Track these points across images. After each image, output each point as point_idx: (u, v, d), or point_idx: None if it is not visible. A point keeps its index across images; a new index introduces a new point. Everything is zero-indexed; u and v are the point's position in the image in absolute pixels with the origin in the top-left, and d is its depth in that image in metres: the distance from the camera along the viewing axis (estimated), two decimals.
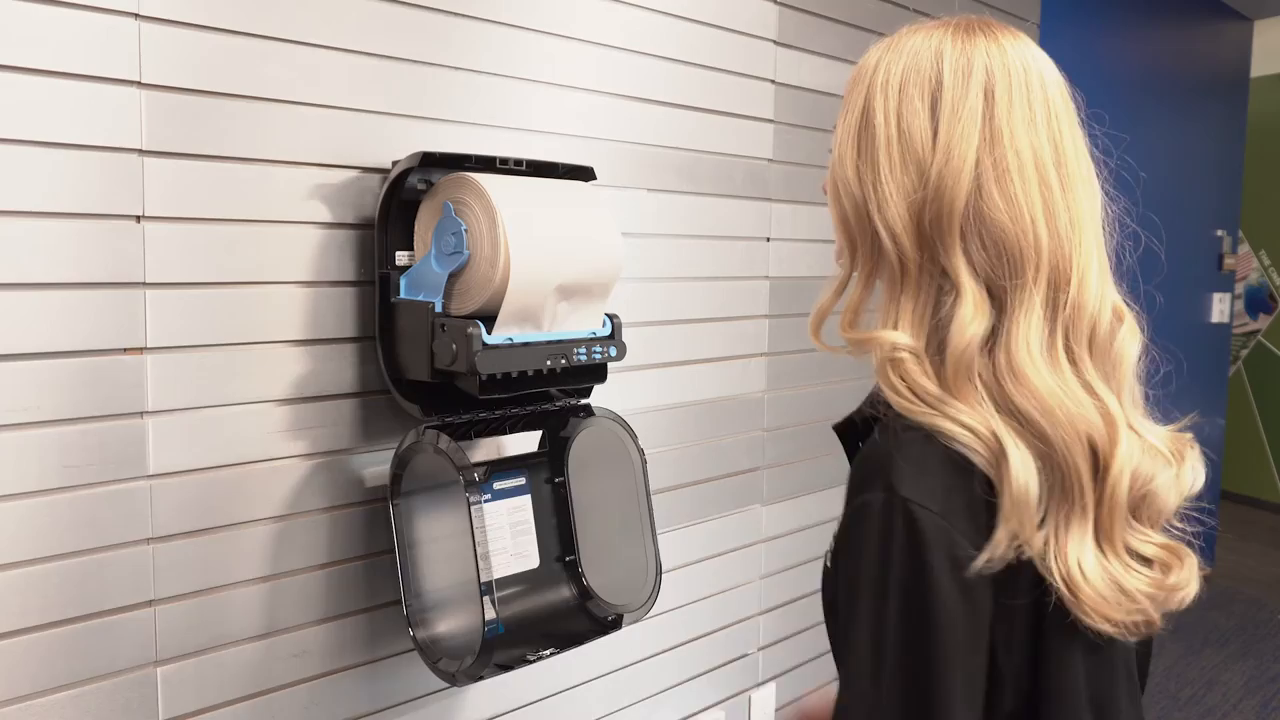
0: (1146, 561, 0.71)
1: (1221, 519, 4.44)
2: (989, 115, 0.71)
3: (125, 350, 1.10)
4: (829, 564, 0.77)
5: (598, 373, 1.34)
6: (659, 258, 1.69)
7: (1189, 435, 0.78)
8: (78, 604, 1.08)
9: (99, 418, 1.08)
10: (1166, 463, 0.73)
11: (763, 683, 2.01)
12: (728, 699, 1.94)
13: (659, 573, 1.36)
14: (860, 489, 0.69)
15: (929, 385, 0.69)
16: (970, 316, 0.68)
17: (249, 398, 1.20)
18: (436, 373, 1.21)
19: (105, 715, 1.11)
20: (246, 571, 1.21)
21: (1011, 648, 0.69)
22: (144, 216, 1.10)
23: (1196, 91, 3.80)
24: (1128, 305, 0.76)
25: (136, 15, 1.08)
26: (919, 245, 0.72)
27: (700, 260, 1.78)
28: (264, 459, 1.22)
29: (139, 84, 1.08)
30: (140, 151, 1.09)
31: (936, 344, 0.71)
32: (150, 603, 1.14)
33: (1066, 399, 0.67)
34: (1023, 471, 0.65)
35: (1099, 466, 0.68)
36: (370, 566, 1.33)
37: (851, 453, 0.79)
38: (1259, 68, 4.44)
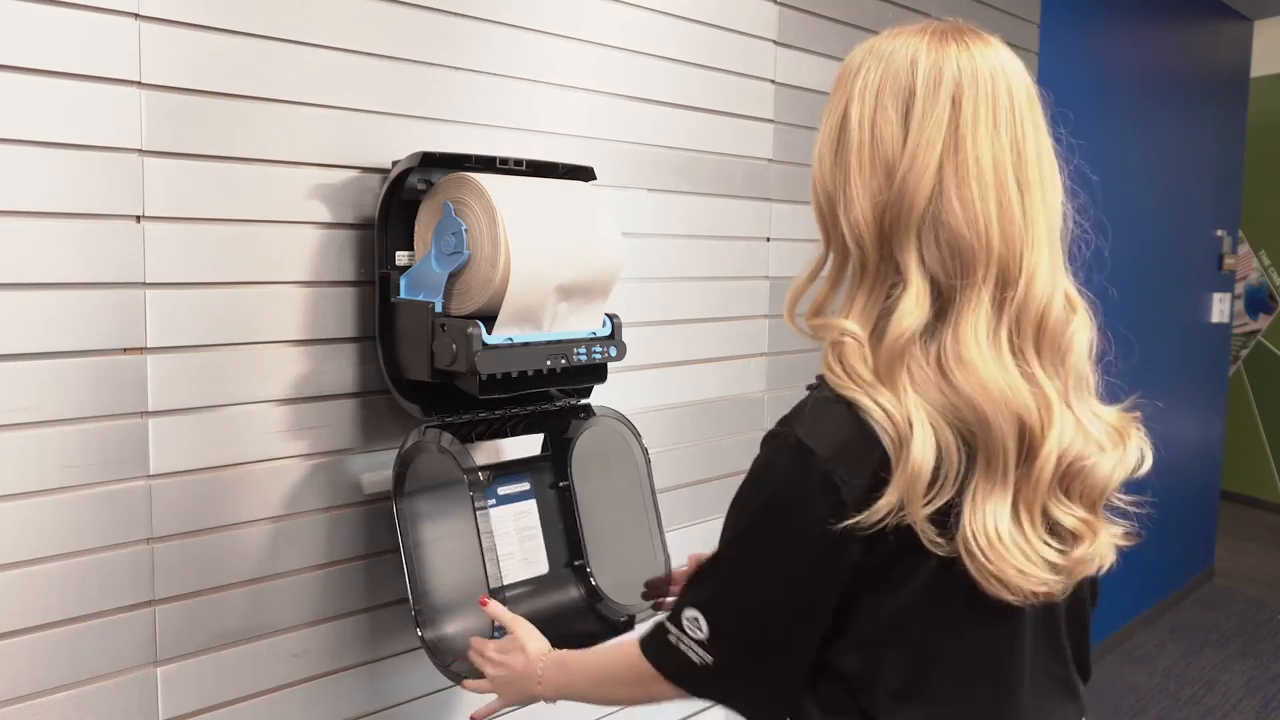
0: (1065, 533, 0.77)
1: (1221, 519, 4.44)
2: (954, 123, 0.75)
3: (125, 350, 1.10)
4: None
5: (598, 373, 1.34)
6: (659, 258, 1.69)
7: (1135, 415, 0.84)
8: (78, 604, 1.08)
9: (99, 418, 1.08)
10: (1104, 444, 0.78)
11: None
12: None
13: (669, 570, 1.36)
14: (774, 427, 0.79)
15: (862, 369, 0.75)
16: (910, 308, 0.74)
17: (249, 398, 1.20)
18: (436, 373, 1.21)
19: (105, 715, 1.11)
20: (246, 571, 1.21)
21: (882, 609, 0.78)
22: (144, 216, 1.10)
23: (1196, 91, 3.80)
24: (1081, 295, 0.81)
25: (136, 15, 1.08)
26: (878, 243, 0.77)
27: (700, 260, 1.78)
28: (264, 459, 1.22)
29: (139, 84, 1.08)
30: (140, 151, 1.09)
31: (879, 332, 0.77)
32: (150, 603, 1.14)
33: (1004, 383, 0.73)
34: (921, 450, 0.72)
35: (1028, 446, 0.74)
36: (370, 566, 1.33)
37: None
38: (1259, 68, 4.44)
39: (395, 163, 1.25)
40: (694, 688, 0.85)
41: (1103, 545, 0.79)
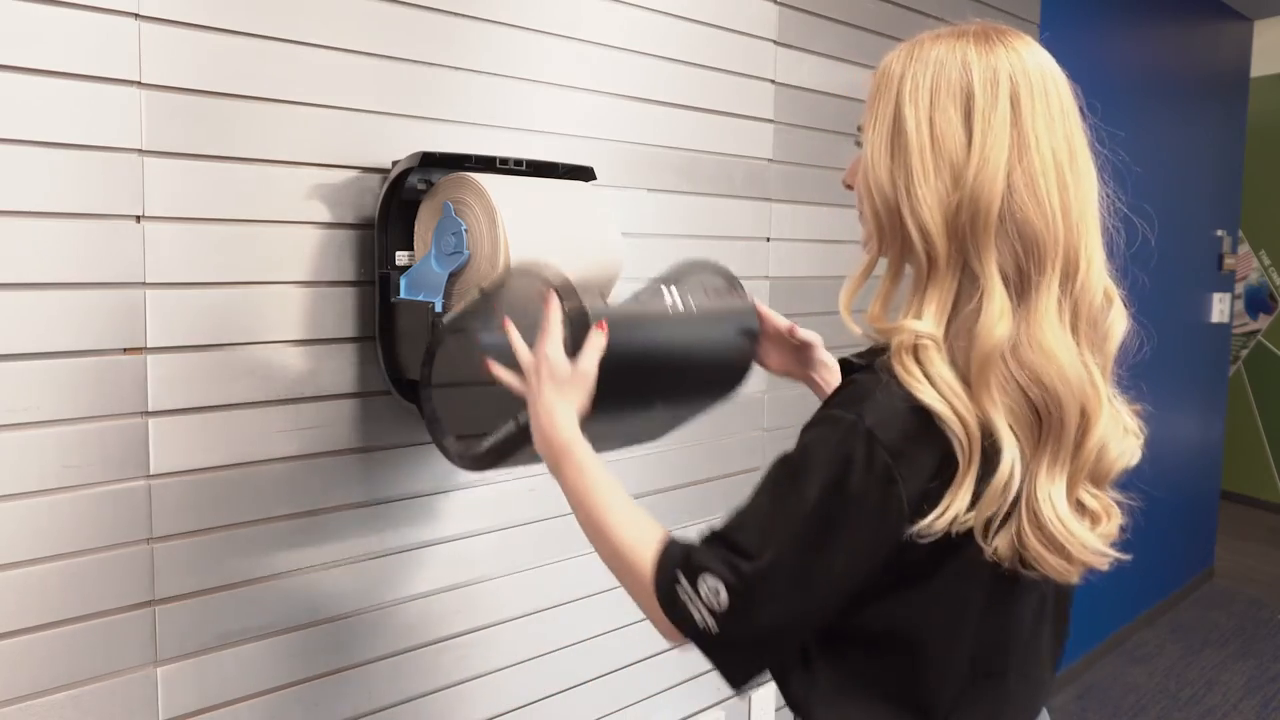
0: (1087, 512, 0.81)
1: (1221, 519, 4.44)
2: (1016, 121, 0.77)
3: (125, 350, 1.10)
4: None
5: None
6: (659, 258, 1.68)
7: (1138, 408, 0.89)
8: (78, 604, 1.08)
9: (99, 418, 1.08)
10: (1124, 434, 0.83)
11: (763, 682, 2.01)
12: (728, 699, 1.94)
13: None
14: (834, 406, 0.79)
15: (947, 374, 0.76)
16: (997, 318, 0.75)
17: (249, 398, 1.20)
18: None
19: (105, 715, 1.11)
20: (246, 571, 1.21)
21: (915, 580, 0.79)
22: (144, 216, 1.10)
23: (1196, 91, 3.79)
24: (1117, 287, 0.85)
25: (136, 15, 1.08)
26: (951, 242, 0.78)
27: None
28: (264, 459, 1.22)
29: (139, 84, 1.08)
30: (140, 151, 1.09)
31: (954, 332, 0.78)
32: (150, 603, 1.14)
33: (1079, 370, 0.77)
34: (1009, 466, 0.74)
35: (1083, 430, 0.78)
36: (370, 566, 1.33)
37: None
38: (1259, 68, 4.44)
39: (395, 163, 1.25)
40: (688, 637, 0.83)
41: (1115, 522, 0.83)
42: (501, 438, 1.06)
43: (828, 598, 0.79)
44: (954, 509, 0.74)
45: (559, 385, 0.95)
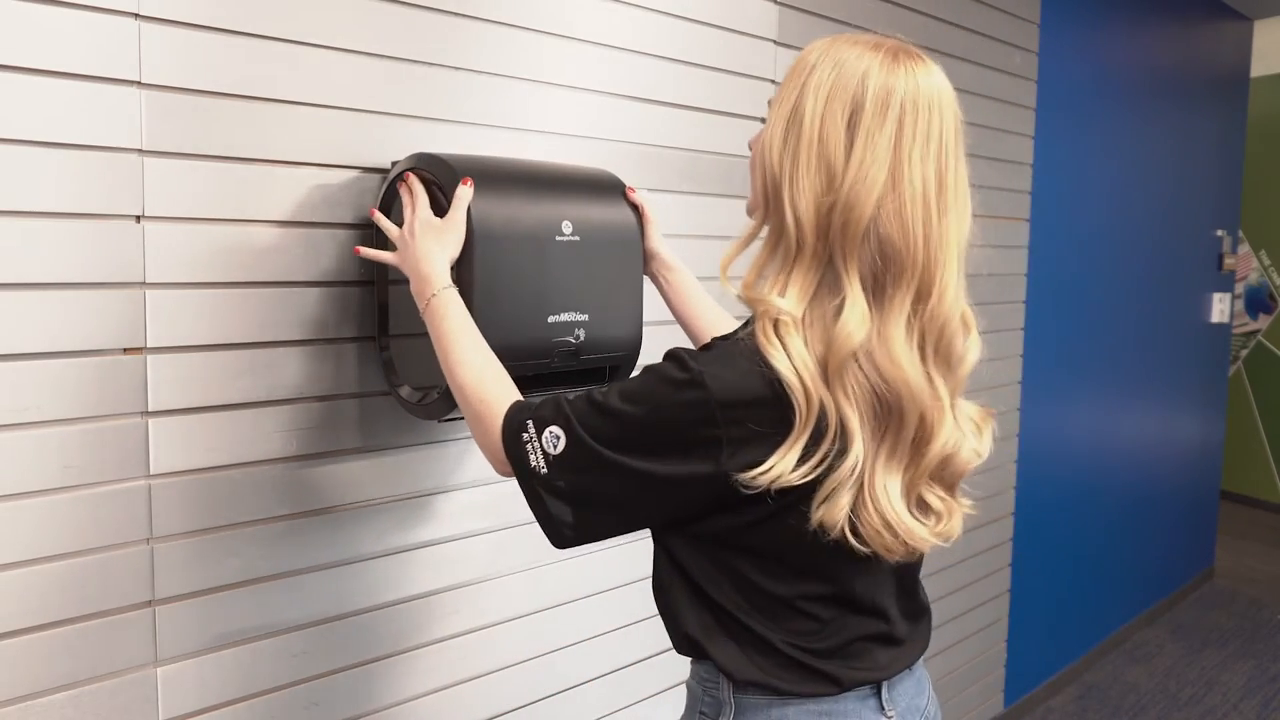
0: (930, 511, 0.89)
1: (1221, 519, 4.45)
2: (897, 145, 0.83)
3: (125, 350, 1.10)
4: None
5: (599, 375, 1.34)
6: None
7: (992, 410, 0.96)
8: (78, 604, 1.08)
9: (99, 418, 1.08)
10: (970, 433, 0.90)
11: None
12: None
13: None
14: (687, 354, 0.85)
15: (802, 350, 0.82)
16: (858, 322, 0.82)
17: (249, 398, 1.20)
18: None
19: (105, 715, 1.11)
20: (246, 571, 1.21)
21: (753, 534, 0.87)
22: (144, 216, 1.10)
23: (1196, 91, 3.79)
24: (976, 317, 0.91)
25: (136, 15, 1.08)
26: (819, 236, 0.84)
27: (700, 260, 1.77)
28: (264, 459, 1.22)
29: (139, 84, 1.08)
30: (140, 151, 1.09)
31: (810, 320, 0.84)
32: (150, 603, 1.14)
33: (920, 384, 0.84)
34: (859, 448, 0.82)
35: (921, 438, 0.85)
36: (370, 566, 1.33)
37: None
38: (1259, 68, 4.44)
39: (395, 163, 1.25)
40: (517, 476, 0.91)
41: (956, 522, 0.91)
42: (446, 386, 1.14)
43: (642, 493, 0.86)
44: (778, 469, 0.81)
45: (434, 234, 1.08)
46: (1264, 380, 5.32)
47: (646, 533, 0.95)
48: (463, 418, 1.22)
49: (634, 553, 1.69)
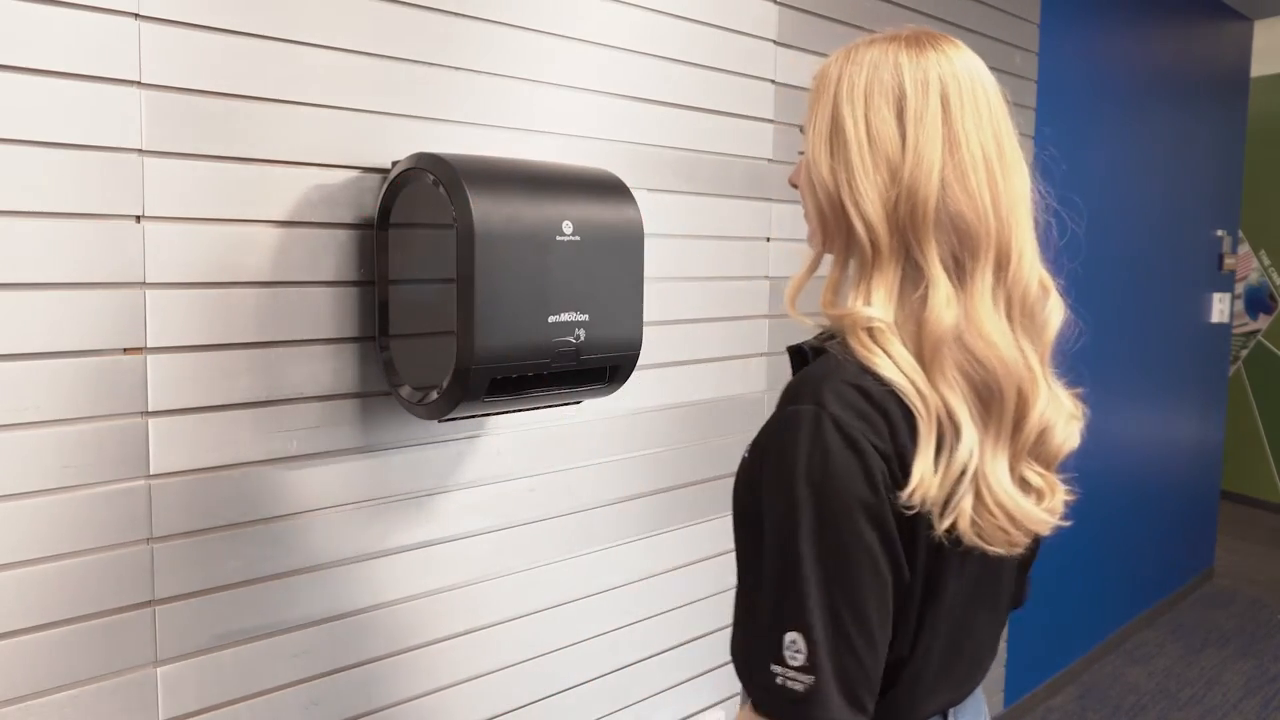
0: (1031, 490, 0.85)
1: (1221, 519, 4.44)
2: (947, 120, 0.82)
3: (125, 350, 1.10)
4: (748, 454, 0.87)
5: (599, 375, 1.34)
6: (659, 258, 1.68)
7: (1078, 391, 0.92)
8: (78, 604, 1.08)
9: (99, 418, 1.08)
10: (1069, 417, 0.87)
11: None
12: (728, 699, 1.94)
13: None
14: (792, 400, 0.80)
15: (904, 353, 0.80)
16: (944, 305, 0.80)
17: (249, 398, 1.20)
18: None
19: (105, 715, 1.11)
20: (246, 571, 1.21)
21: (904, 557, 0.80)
22: (144, 216, 1.10)
23: (1196, 91, 3.79)
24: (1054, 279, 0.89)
25: (136, 15, 1.08)
26: (891, 232, 0.82)
27: (700, 260, 1.78)
28: (264, 459, 1.22)
29: (139, 84, 1.08)
30: (140, 151, 1.09)
31: (902, 319, 0.82)
32: (150, 603, 1.14)
33: (1015, 356, 0.81)
34: (970, 444, 0.78)
35: (1020, 413, 0.82)
36: (370, 566, 1.33)
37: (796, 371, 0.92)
38: (1259, 68, 4.44)
39: (395, 163, 1.25)
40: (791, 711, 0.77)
41: (1060, 498, 0.87)
42: (447, 386, 1.16)
43: (880, 578, 0.77)
44: (922, 477, 0.76)
45: None
46: (1264, 380, 5.32)
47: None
48: (462, 416, 1.22)
49: (634, 553, 1.69)
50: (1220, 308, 4.07)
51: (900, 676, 0.84)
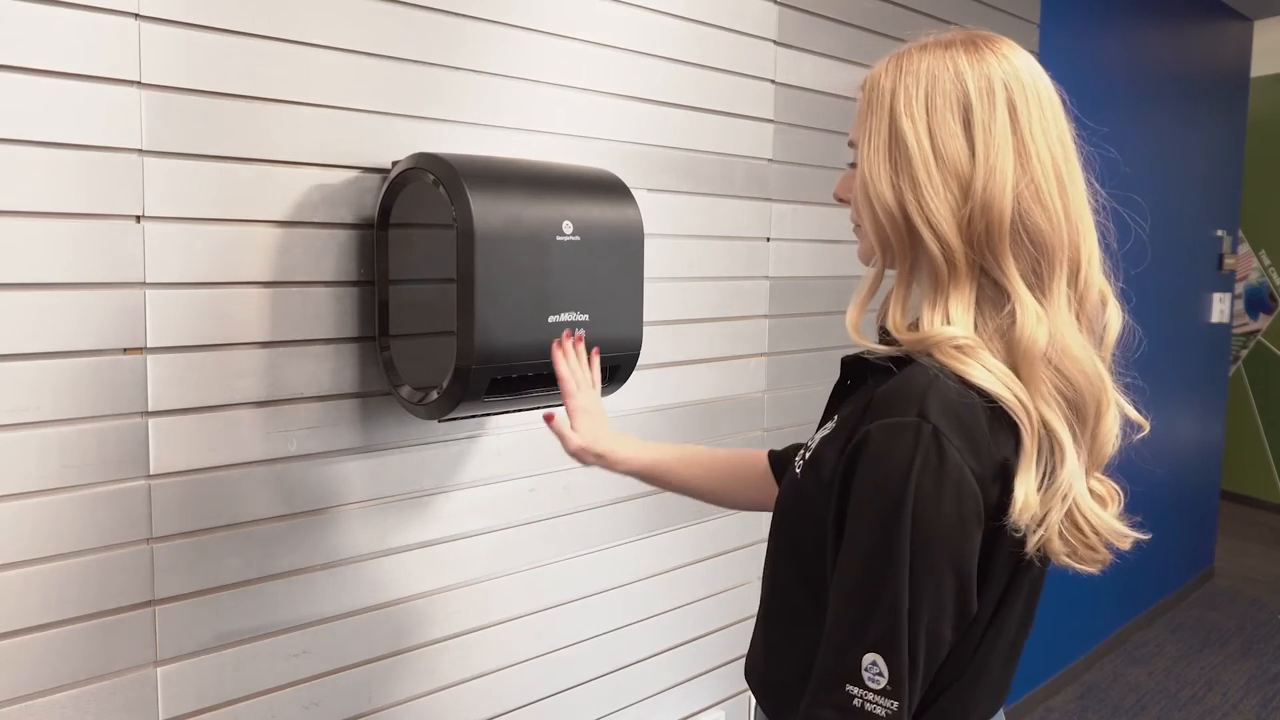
0: (1099, 498, 0.84)
1: (1221, 519, 4.44)
2: (1015, 129, 0.79)
3: (125, 350, 1.10)
4: (802, 472, 0.85)
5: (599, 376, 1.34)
6: (659, 258, 1.69)
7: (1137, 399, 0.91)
8: (78, 604, 1.08)
9: (99, 418, 1.08)
10: (1116, 421, 0.86)
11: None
12: (728, 699, 1.94)
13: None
14: (891, 412, 0.76)
15: (1001, 366, 0.77)
16: (1035, 323, 0.77)
17: (249, 398, 1.20)
18: None
19: (105, 715, 1.11)
20: (246, 571, 1.21)
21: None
22: (144, 216, 1.10)
23: (1196, 91, 3.79)
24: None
25: (136, 15, 1.08)
26: (967, 249, 0.79)
27: (700, 260, 1.78)
28: (264, 459, 1.22)
29: (139, 84, 1.08)
30: (140, 151, 1.09)
31: (987, 336, 0.79)
32: (150, 603, 1.14)
33: (1095, 368, 0.80)
34: (1073, 462, 0.76)
35: (1098, 424, 0.81)
36: (370, 566, 1.33)
37: (845, 383, 0.91)
38: (1259, 68, 4.44)
39: (395, 163, 1.25)
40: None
41: (1119, 507, 0.86)
42: (447, 386, 1.16)
43: (963, 601, 0.76)
44: (1026, 498, 0.74)
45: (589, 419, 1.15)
46: (1264, 380, 5.32)
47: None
48: (462, 416, 1.22)
49: (634, 553, 1.69)
50: (1220, 308, 4.07)
51: (951, 688, 0.82)
